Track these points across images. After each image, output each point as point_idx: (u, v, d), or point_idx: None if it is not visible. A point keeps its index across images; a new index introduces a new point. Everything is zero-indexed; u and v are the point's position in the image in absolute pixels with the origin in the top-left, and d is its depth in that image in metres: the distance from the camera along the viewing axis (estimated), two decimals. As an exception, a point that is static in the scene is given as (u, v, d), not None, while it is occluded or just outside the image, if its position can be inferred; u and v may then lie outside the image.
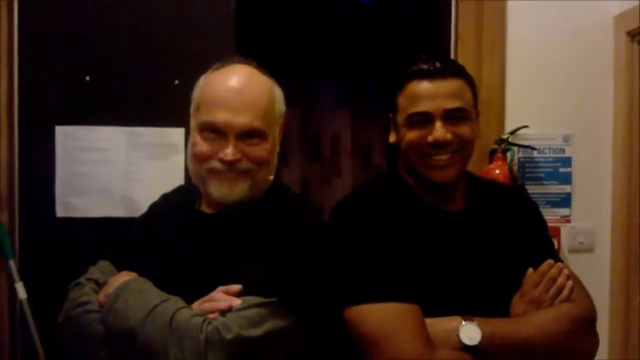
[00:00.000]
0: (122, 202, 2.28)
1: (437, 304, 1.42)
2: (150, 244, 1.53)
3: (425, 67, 1.50)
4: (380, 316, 1.38)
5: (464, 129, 1.50)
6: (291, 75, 1.57)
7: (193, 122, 1.51)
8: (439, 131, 1.46)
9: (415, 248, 1.46)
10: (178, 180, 2.24)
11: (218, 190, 1.45)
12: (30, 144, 2.25)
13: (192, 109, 1.53)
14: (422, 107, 1.48)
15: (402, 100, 1.52)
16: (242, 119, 1.42)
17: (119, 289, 1.37)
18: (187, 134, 2.20)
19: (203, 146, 1.45)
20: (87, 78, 2.27)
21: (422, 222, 1.51)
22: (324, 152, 4.82)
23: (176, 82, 2.28)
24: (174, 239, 1.51)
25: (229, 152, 1.42)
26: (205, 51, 2.26)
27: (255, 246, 1.40)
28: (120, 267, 1.50)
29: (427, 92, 1.48)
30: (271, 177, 1.52)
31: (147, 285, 1.38)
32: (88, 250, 2.15)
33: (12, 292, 2.20)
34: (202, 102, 1.48)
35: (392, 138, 1.59)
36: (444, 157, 1.49)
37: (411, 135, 1.50)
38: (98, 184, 2.28)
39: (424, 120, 1.48)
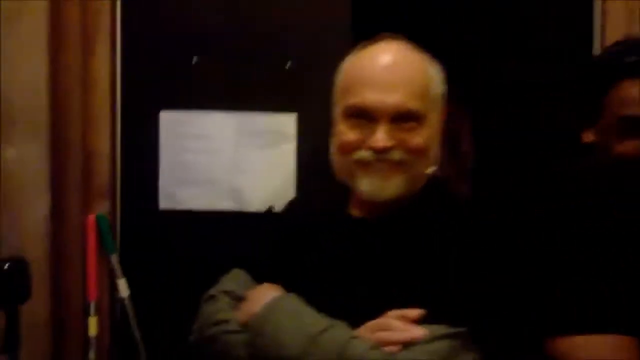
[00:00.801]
0: (229, 194, 2.12)
1: None
2: (293, 251, 1.34)
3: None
4: (599, 351, 1.17)
5: None
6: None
7: (337, 110, 1.32)
8: None
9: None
10: (289, 171, 2.12)
11: (369, 185, 1.25)
12: (133, 131, 2.12)
13: (335, 96, 1.34)
14: (637, 111, 1.24)
15: (609, 101, 1.28)
16: (394, 98, 1.22)
17: (268, 309, 1.18)
18: (300, 121, 2.11)
19: (350, 134, 1.26)
20: (195, 60, 2.11)
21: None
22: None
23: (288, 64, 2.11)
24: (322, 246, 1.31)
25: (380, 137, 1.22)
26: (319, 32, 2.09)
27: (427, 259, 1.19)
28: (258, 278, 1.32)
29: None
30: (430, 171, 1.31)
31: (302, 306, 1.18)
32: (193, 244, 2.09)
33: (113, 289, 2.08)
34: (346, 85, 1.29)
35: (589, 137, 1.35)
36: None
37: (626, 146, 1.26)
38: (204, 174, 2.12)
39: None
